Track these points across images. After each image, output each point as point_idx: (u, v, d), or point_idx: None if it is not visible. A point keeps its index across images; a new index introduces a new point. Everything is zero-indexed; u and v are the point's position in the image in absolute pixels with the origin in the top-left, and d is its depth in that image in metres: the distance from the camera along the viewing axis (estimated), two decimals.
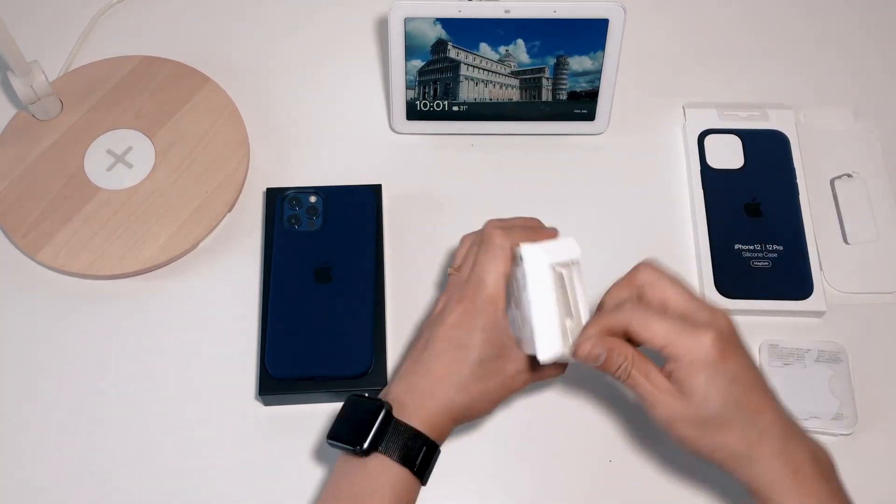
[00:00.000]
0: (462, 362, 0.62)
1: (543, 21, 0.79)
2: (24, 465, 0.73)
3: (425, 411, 0.62)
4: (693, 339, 0.57)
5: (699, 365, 0.57)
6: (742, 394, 0.58)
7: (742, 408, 0.58)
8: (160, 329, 0.78)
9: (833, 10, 0.95)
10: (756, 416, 0.58)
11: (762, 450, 0.58)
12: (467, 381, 0.62)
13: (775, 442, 0.59)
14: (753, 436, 0.58)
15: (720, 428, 0.58)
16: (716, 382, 0.57)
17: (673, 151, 0.87)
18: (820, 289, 0.78)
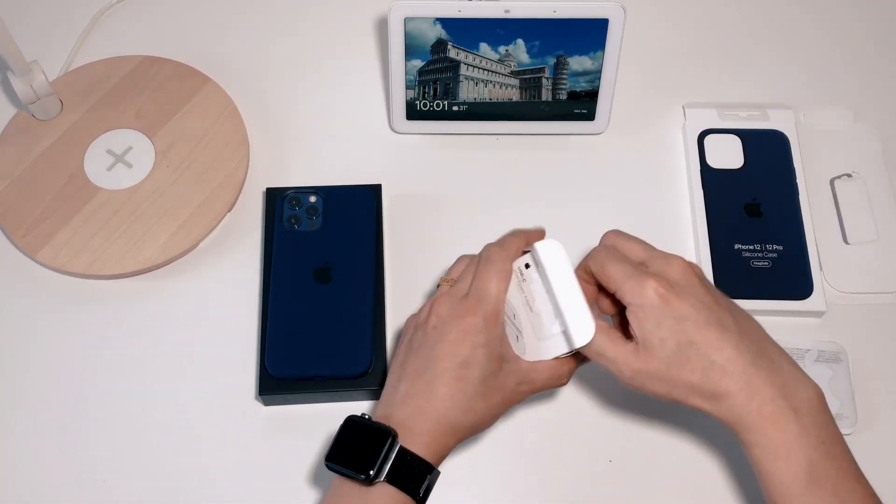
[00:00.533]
0: (466, 381, 0.61)
1: (543, 21, 0.79)
2: (24, 464, 0.73)
3: (430, 437, 0.61)
4: (638, 286, 0.59)
5: (646, 310, 0.59)
6: (695, 332, 0.58)
7: (697, 346, 0.58)
8: (160, 329, 0.78)
9: (833, 10, 0.95)
10: (714, 354, 0.58)
11: (725, 386, 0.58)
12: (472, 399, 0.62)
13: (739, 378, 0.58)
14: (714, 374, 0.58)
15: (680, 371, 0.58)
16: (665, 326, 0.58)
17: (673, 151, 0.87)
18: (820, 289, 0.78)
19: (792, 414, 0.58)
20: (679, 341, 0.58)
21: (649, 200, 0.84)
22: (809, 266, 0.79)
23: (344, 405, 0.75)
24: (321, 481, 0.72)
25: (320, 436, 0.74)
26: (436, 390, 0.61)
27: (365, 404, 0.75)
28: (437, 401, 0.61)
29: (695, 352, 0.58)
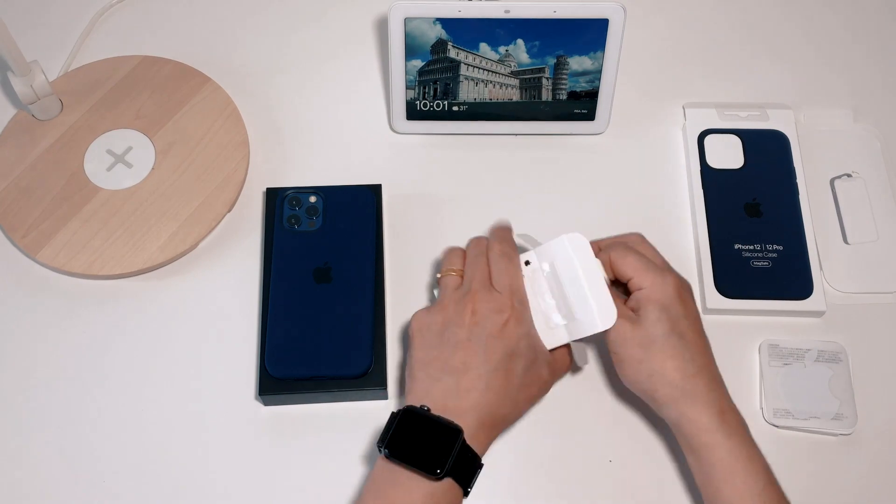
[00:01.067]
0: (513, 373, 0.65)
1: (543, 21, 0.79)
2: (24, 464, 0.73)
3: (484, 431, 0.64)
4: (658, 276, 0.67)
5: (658, 295, 0.66)
6: (687, 330, 0.66)
7: (685, 342, 0.65)
8: (160, 329, 0.78)
9: (833, 10, 0.95)
10: (696, 354, 0.66)
11: (696, 385, 0.65)
12: (517, 391, 0.65)
13: (708, 382, 0.65)
14: (690, 370, 0.65)
15: (662, 353, 0.65)
16: (668, 313, 0.66)
17: (673, 151, 0.87)
18: (820, 289, 0.78)
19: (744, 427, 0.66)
20: (672, 329, 0.65)
21: (649, 200, 0.84)
22: (809, 266, 0.79)
23: (344, 405, 0.75)
24: (321, 481, 0.72)
25: (320, 436, 0.74)
26: (491, 384, 0.64)
27: (365, 404, 0.75)
28: (491, 394, 0.64)
29: (681, 344, 0.65)
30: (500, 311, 0.66)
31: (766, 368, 0.76)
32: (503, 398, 0.64)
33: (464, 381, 0.64)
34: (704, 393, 0.65)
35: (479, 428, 0.63)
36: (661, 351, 0.65)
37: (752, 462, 0.63)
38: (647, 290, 0.67)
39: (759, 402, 0.75)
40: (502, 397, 0.64)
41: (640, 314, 0.66)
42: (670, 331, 0.65)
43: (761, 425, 0.74)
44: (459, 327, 0.66)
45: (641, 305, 0.66)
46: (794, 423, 0.73)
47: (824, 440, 0.74)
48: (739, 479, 0.63)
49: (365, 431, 0.74)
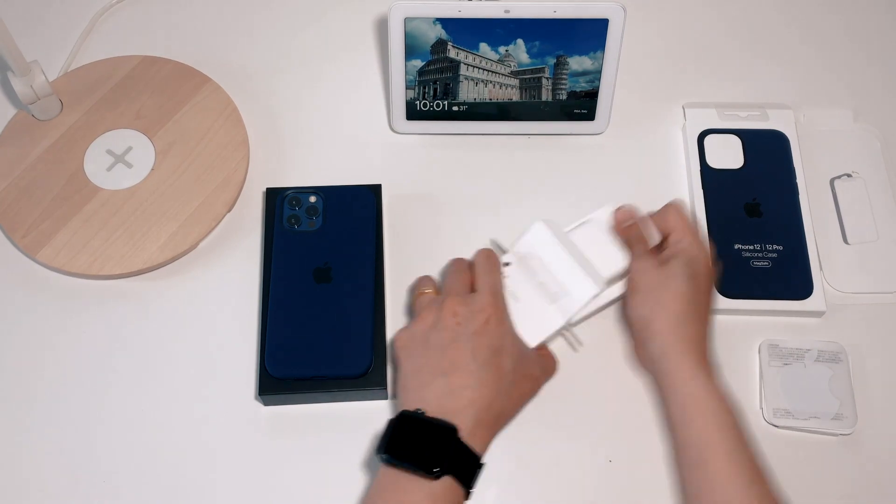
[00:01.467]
0: (502, 369, 0.65)
1: (543, 21, 0.79)
2: (24, 464, 0.73)
3: (482, 428, 0.64)
4: (696, 240, 0.72)
5: (692, 251, 0.71)
6: (702, 289, 0.70)
7: (698, 294, 0.69)
8: (160, 329, 0.78)
9: (833, 9, 0.95)
10: (700, 310, 0.70)
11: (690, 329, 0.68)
12: (509, 387, 0.66)
13: (701, 331, 0.69)
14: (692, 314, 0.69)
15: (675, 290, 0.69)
16: (694, 266, 0.70)
17: (673, 151, 0.87)
18: (820, 289, 0.78)
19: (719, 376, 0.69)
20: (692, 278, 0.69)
21: (649, 200, 0.84)
22: (809, 266, 0.79)
23: (344, 405, 0.75)
24: (321, 481, 0.72)
25: (320, 436, 0.74)
26: (483, 379, 0.64)
27: (365, 404, 0.75)
28: (485, 390, 0.64)
29: (694, 292, 0.69)
30: (481, 309, 0.67)
31: (766, 368, 0.76)
32: (497, 393, 0.65)
33: (455, 379, 0.64)
34: (695, 338, 0.68)
35: (477, 425, 0.63)
36: (676, 289, 0.69)
37: (723, 403, 0.66)
38: (683, 244, 0.71)
39: (759, 402, 0.75)
40: (496, 392, 0.64)
41: (668, 262, 0.70)
42: (690, 277, 0.69)
43: (761, 425, 0.74)
44: (443, 330, 0.66)
45: (673, 255, 0.70)
46: (794, 423, 0.73)
47: (824, 440, 0.74)
48: (711, 414, 0.65)
49: (365, 431, 0.74)
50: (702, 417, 0.65)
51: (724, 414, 0.65)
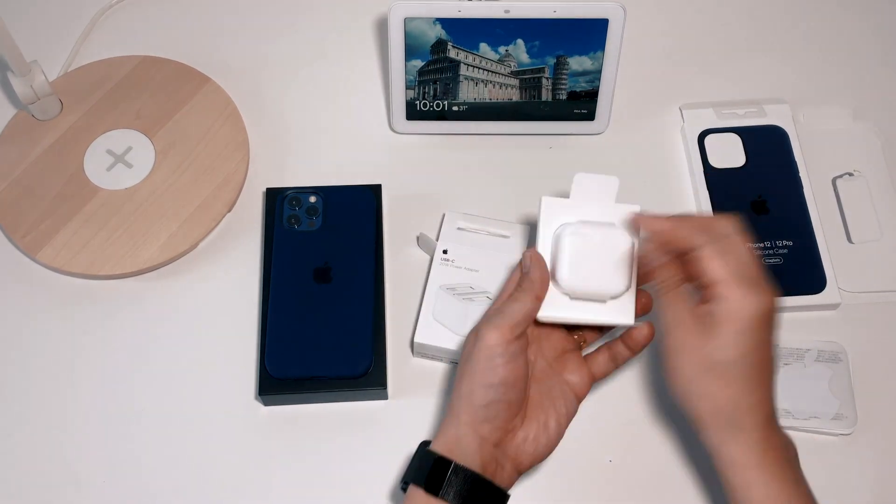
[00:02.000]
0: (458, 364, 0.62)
1: (543, 21, 0.79)
2: (23, 464, 0.73)
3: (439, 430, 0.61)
4: (750, 292, 0.57)
5: (741, 315, 0.57)
6: (756, 364, 0.58)
7: (749, 375, 0.58)
8: (160, 329, 0.78)
9: (831, 8, 0.95)
10: (755, 390, 0.59)
11: (745, 420, 0.59)
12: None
13: (758, 418, 0.59)
14: (743, 404, 0.59)
15: (721, 379, 0.58)
16: (744, 339, 0.57)
17: (673, 151, 0.87)
18: (833, 281, 0.78)
19: (789, 464, 0.60)
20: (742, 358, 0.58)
21: (650, 200, 0.83)
22: (821, 259, 0.79)
23: (344, 405, 0.75)
24: (321, 481, 0.72)
25: (320, 436, 0.74)
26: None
27: (365, 404, 0.75)
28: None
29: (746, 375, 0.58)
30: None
31: None
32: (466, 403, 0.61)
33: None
34: (751, 430, 0.59)
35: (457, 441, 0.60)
36: (721, 377, 0.58)
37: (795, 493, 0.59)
38: (730, 306, 0.57)
39: None
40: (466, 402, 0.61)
41: (714, 328, 0.57)
42: (738, 360, 0.57)
43: None
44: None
45: (718, 321, 0.57)
46: (794, 423, 0.73)
47: (824, 440, 0.74)
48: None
49: (365, 431, 0.74)
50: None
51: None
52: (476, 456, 0.59)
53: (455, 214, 0.79)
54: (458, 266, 0.77)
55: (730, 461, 0.59)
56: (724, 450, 0.60)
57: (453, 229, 0.78)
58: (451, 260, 0.77)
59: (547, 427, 0.62)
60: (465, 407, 0.60)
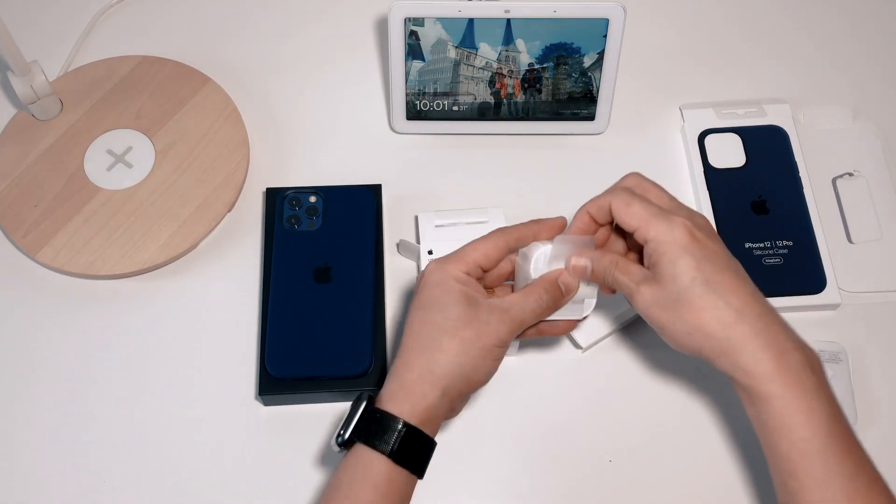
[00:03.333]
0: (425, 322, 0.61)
1: (543, 21, 0.79)
2: (23, 464, 0.73)
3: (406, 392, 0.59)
4: (666, 223, 0.59)
5: (668, 245, 0.59)
6: (712, 273, 0.58)
7: (712, 287, 0.58)
8: (160, 329, 0.78)
9: (831, 9, 0.95)
10: (729, 296, 0.58)
11: (741, 330, 0.57)
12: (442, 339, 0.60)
13: (755, 323, 0.58)
14: (729, 316, 0.58)
15: (691, 307, 0.58)
16: (683, 261, 0.58)
17: (673, 151, 0.87)
18: (833, 281, 0.78)
19: (809, 368, 0.57)
20: (694, 279, 0.58)
21: None
22: (821, 260, 0.79)
23: (344, 405, 0.75)
24: (321, 481, 0.72)
25: (320, 436, 0.74)
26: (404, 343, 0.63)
27: None
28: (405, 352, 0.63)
29: (708, 291, 0.58)
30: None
31: None
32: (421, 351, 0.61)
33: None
34: (751, 338, 0.57)
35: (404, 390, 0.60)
36: (689, 306, 0.58)
37: (812, 414, 0.56)
38: (655, 242, 0.59)
39: None
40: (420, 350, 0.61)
41: (657, 270, 0.59)
42: (692, 281, 0.58)
43: None
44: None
45: (654, 261, 0.60)
46: None
47: None
48: (796, 434, 0.56)
49: None
50: (786, 441, 0.57)
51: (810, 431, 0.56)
52: (438, 424, 0.60)
53: (428, 214, 0.79)
54: None
55: (745, 379, 0.58)
56: (737, 371, 0.58)
57: (431, 228, 0.78)
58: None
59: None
60: (460, 387, 0.60)
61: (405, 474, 0.59)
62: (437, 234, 0.78)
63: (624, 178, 0.65)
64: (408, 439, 0.58)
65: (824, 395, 0.57)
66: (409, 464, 0.58)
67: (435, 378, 0.59)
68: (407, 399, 0.59)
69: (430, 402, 0.59)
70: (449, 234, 0.78)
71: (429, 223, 0.78)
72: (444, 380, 0.59)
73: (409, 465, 0.58)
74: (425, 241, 0.78)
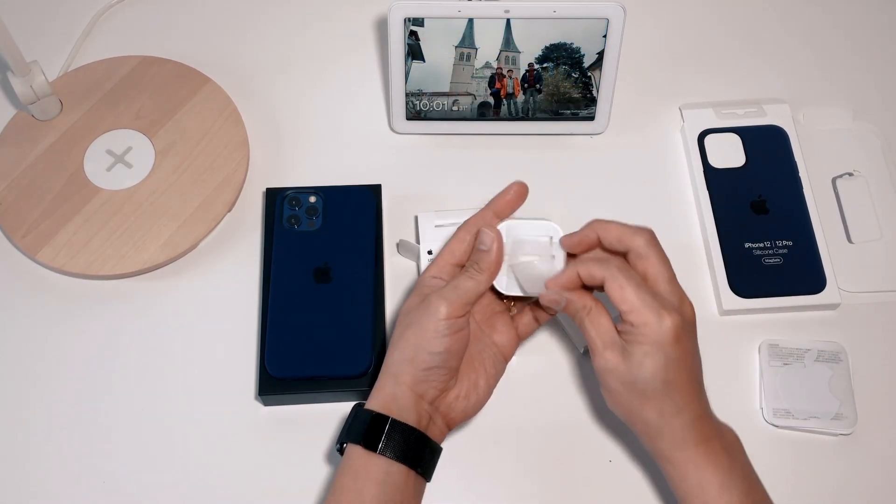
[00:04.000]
0: (399, 325, 0.65)
1: (543, 21, 0.79)
2: (24, 464, 0.73)
3: (374, 389, 0.65)
4: (656, 317, 0.61)
5: (650, 339, 0.61)
6: (674, 374, 0.62)
7: (668, 385, 0.62)
8: (160, 329, 0.78)
9: (831, 9, 0.95)
10: (677, 394, 0.62)
11: (674, 422, 0.62)
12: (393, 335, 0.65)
13: (687, 417, 0.63)
14: (670, 409, 0.62)
15: (642, 396, 0.62)
16: (656, 358, 0.61)
17: (673, 151, 0.87)
18: (833, 281, 0.78)
19: (725, 452, 0.63)
20: (656, 375, 0.61)
21: (651, 200, 0.84)
22: (820, 259, 0.79)
23: (344, 405, 0.75)
24: (321, 481, 0.72)
25: (320, 436, 0.74)
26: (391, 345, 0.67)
27: None
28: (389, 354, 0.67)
29: (662, 388, 0.62)
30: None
31: (765, 368, 0.76)
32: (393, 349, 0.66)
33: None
34: (682, 428, 0.63)
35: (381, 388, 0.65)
36: (642, 394, 0.62)
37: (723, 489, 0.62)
38: (639, 331, 0.61)
39: (759, 402, 0.75)
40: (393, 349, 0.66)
41: (628, 350, 0.62)
42: (653, 376, 0.61)
43: (761, 425, 0.74)
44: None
45: (629, 339, 0.62)
46: (794, 423, 0.73)
47: (824, 440, 0.74)
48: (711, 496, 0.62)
49: None
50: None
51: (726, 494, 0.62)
52: (412, 412, 0.63)
53: (428, 214, 0.79)
54: None
55: (666, 459, 0.63)
56: (659, 451, 0.64)
57: (431, 228, 0.78)
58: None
59: (477, 386, 0.66)
60: (407, 368, 0.64)
61: (385, 461, 0.62)
62: (437, 234, 0.78)
63: (638, 234, 0.64)
64: (375, 426, 0.62)
65: (738, 473, 0.63)
66: (386, 451, 0.62)
67: (387, 368, 0.65)
68: (374, 395, 0.65)
69: (388, 390, 0.64)
70: (449, 234, 0.78)
71: (429, 223, 0.78)
72: (393, 367, 0.64)
73: (387, 452, 0.61)
74: (425, 241, 0.78)
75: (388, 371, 0.65)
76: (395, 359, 0.64)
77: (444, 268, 0.67)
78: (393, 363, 0.64)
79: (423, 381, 0.63)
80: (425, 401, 0.64)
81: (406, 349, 0.64)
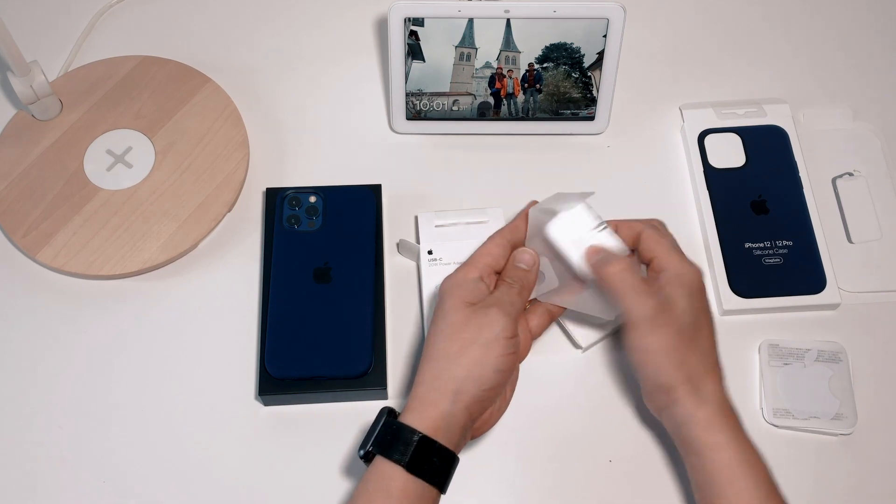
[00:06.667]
0: (432, 334, 0.63)
1: (543, 21, 0.79)
2: (24, 464, 0.73)
3: (419, 402, 0.61)
4: (684, 263, 0.66)
5: (685, 280, 0.65)
6: (705, 325, 0.65)
7: (704, 335, 0.65)
8: (160, 329, 0.78)
9: (831, 8, 0.95)
10: (709, 353, 0.65)
11: (706, 382, 0.64)
12: (444, 345, 0.62)
13: (717, 381, 0.65)
14: (703, 367, 0.64)
15: (691, 342, 0.64)
16: (694, 302, 0.64)
17: (673, 151, 0.87)
18: (833, 281, 0.78)
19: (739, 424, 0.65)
20: (697, 321, 0.64)
21: (651, 200, 0.84)
22: (821, 260, 0.79)
23: (344, 405, 0.75)
24: (321, 481, 0.72)
25: (320, 436, 0.74)
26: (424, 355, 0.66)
27: (365, 404, 0.75)
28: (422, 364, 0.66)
29: (701, 337, 0.64)
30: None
31: (765, 368, 0.76)
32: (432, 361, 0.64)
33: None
34: (713, 393, 0.64)
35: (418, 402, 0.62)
36: (690, 341, 0.63)
37: (755, 469, 0.62)
38: (674, 274, 0.65)
39: (759, 402, 0.75)
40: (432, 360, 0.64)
41: (667, 296, 0.64)
42: (694, 322, 0.64)
43: (761, 425, 0.74)
44: None
45: (668, 289, 0.64)
46: (794, 423, 0.73)
47: (824, 440, 0.74)
48: (743, 484, 0.62)
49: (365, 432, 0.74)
50: (733, 491, 0.62)
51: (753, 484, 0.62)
52: (456, 434, 0.61)
53: (428, 214, 0.79)
54: (446, 263, 0.77)
55: (697, 428, 0.63)
56: (690, 418, 0.63)
57: (431, 228, 0.78)
58: (438, 258, 0.77)
59: (505, 396, 0.66)
60: (470, 387, 0.61)
61: (422, 485, 0.59)
62: (436, 234, 0.78)
63: (650, 220, 0.70)
64: (422, 449, 0.59)
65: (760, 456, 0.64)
66: (425, 475, 0.59)
67: (442, 384, 0.61)
68: (420, 409, 0.61)
69: (442, 409, 0.60)
70: (449, 234, 0.78)
71: (429, 223, 0.78)
72: (453, 383, 0.61)
73: (426, 476, 0.59)
74: (425, 241, 0.78)
75: (446, 387, 0.61)
76: (457, 375, 0.61)
77: (484, 271, 0.65)
78: (454, 379, 0.61)
79: (480, 401, 0.61)
80: (472, 420, 0.62)
81: (473, 367, 0.61)
